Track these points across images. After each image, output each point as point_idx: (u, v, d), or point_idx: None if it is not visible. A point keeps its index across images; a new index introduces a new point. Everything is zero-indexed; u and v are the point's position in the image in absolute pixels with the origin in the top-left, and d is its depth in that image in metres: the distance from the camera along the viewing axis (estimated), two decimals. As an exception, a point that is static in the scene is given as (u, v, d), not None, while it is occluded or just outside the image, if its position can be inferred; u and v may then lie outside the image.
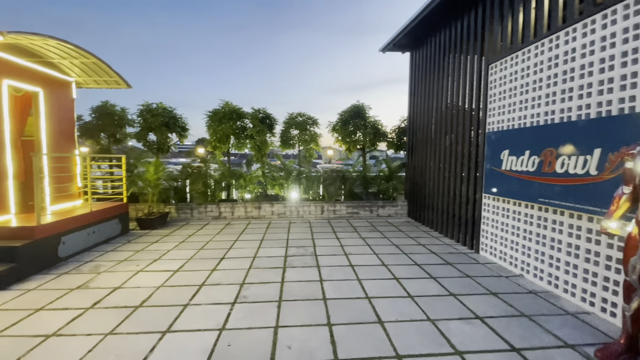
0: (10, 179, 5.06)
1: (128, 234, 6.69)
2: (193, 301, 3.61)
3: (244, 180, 9.14)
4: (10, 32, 4.28)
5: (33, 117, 5.73)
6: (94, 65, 6.07)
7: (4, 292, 3.84)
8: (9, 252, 4.17)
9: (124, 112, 8.64)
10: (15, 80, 5.18)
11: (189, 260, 5.07)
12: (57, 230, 4.84)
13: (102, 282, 4.15)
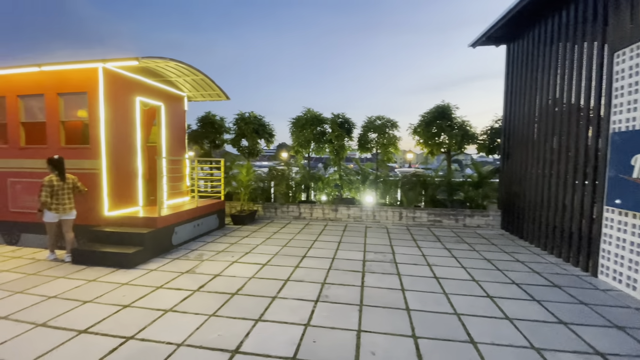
0: (139, 178, 6.21)
1: (224, 228, 7.55)
2: (280, 294, 3.86)
3: (322, 183, 9.43)
4: (142, 57, 5.28)
5: (156, 127, 6.95)
6: (202, 81, 7.05)
7: (134, 270, 4.72)
8: (139, 237, 5.11)
9: (222, 121, 9.82)
10: (145, 97, 6.36)
11: (275, 255, 5.45)
12: (172, 222, 5.75)
13: (205, 269, 4.76)
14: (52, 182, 4.83)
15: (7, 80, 5.76)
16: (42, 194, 4.76)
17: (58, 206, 4.88)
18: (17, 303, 3.57)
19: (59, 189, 4.89)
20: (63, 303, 3.59)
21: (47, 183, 4.80)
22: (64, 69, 5.42)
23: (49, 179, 4.83)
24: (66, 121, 5.70)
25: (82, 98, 5.48)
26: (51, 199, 4.83)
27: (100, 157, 5.38)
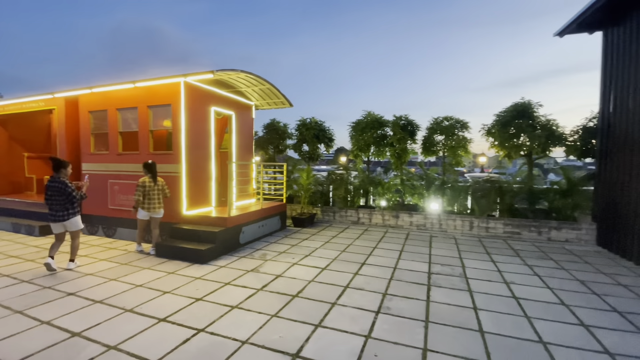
0: (213, 181, 6.75)
1: (285, 230, 7.79)
2: (339, 301, 3.79)
3: (382, 188, 9.15)
4: (217, 70, 5.74)
5: (228, 134, 7.51)
6: (268, 90, 7.43)
7: (206, 265, 5.11)
8: (211, 235, 5.53)
9: (285, 127, 10.22)
10: (218, 107, 6.90)
11: (334, 260, 5.41)
12: (240, 222, 6.11)
13: (268, 269, 4.93)
14: (145, 184, 5.50)
15: (109, 96, 6.78)
16: (137, 194, 5.46)
17: (149, 205, 5.53)
18: (111, 289, 4.11)
19: (150, 190, 5.54)
20: (147, 292, 4.03)
21: (140, 184, 5.48)
22: (153, 84, 6.19)
23: (143, 180, 5.51)
24: (154, 130, 6.47)
25: (166, 109, 6.18)
26: (143, 198, 5.50)
27: (181, 162, 5.98)
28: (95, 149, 7.11)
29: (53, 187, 4.61)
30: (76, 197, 4.70)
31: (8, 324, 3.17)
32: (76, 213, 4.83)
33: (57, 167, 4.68)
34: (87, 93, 6.96)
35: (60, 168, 4.69)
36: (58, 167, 4.68)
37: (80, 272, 4.73)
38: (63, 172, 4.70)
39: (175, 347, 2.81)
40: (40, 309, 3.51)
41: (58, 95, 7.34)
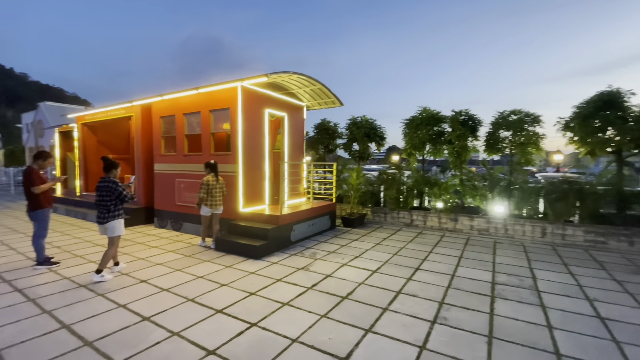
0: (267, 180, 7.01)
1: (335, 229, 7.78)
2: (391, 307, 3.63)
3: (438, 189, 8.61)
4: (270, 73, 5.93)
5: (280, 135, 7.73)
6: (319, 90, 7.48)
7: (259, 261, 5.30)
8: (264, 232, 5.74)
9: (335, 127, 10.22)
10: (272, 109, 7.14)
11: (385, 263, 5.23)
12: (291, 220, 6.25)
13: (318, 268, 4.95)
14: (208, 182, 5.90)
15: (176, 102, 7.43)
16: (201, 191, 5.87)
17: (212, 202, 5.93)
18: (176, 279, 4.48)
19: (213, 188, 5.93)
20: (207, 283, 4.31)
21: (205, 182, 5.89)
22: (213, 90, 6.62)
23: (207, 179, 5.91)
24: (215, 132, 6.93)
25: (225, 113, 6.57)
26: (207, 195, 5.90)
27: (238, 162, 6.31)
28: (165, 151, 7.87)
29: (103, 187, 4.43)
30: (127, 196, 4.52)
31: (92, 306, 3.63)
32: (118, 216, 4.53)
33: (109, 167, 4.57)
34: (159, 100, 7.73)
35: (112, 168, 4.59)
36: (110, 168, 4.57)
37: (152, 261, 5.24)
38: (114, 173, 4.60)
39: (230, 339, 2.94)
40: (118, 293, 3.97)
41: (135, 104, 8.27)
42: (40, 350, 2.74)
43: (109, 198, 4.41)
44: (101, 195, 4.42)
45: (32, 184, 4.64)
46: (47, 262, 4.89)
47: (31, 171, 4.71)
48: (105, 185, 4.42)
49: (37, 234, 4.84)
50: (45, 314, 3.39)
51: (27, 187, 4.68)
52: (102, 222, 4.44)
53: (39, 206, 4.78)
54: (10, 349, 2.75)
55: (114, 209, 4.47)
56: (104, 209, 4.42)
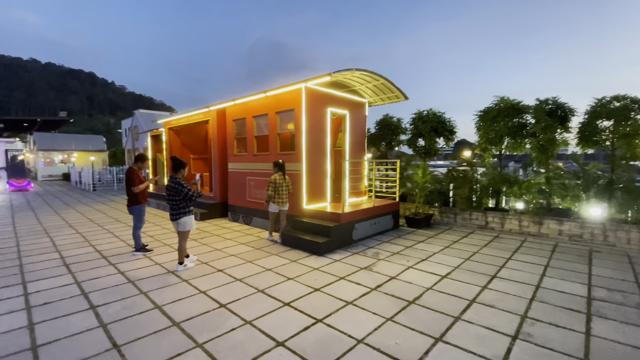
0: (328, 178, 7.09)
1: (398, 230, 7.52)
2: (464, 316, 3.37)
3: (518, 188, 7.70)
4: (333, 72, 5.95)
5: (342, 133, 7.74)
6: (382, 85, 7.28)
7: (322, 257, 5.39)
8: (327, 229, 5.82)
9: (399, 122, 9.84)
10: (334, 107, 7.18)
11: (456, 268, 4.87)
12: (353, 218, 6.23)
13: (381, 269, 4.84)
14: (276, 180, 6.18)
15: (247, 105, 7.95)
16: (269, 189, 6.19)
17: (279, 199, 6.22)
18: (247, 270, 4.81)
19: (280, 186, 6.21)
20: (274, 276, 4.54)
21: (272, 180, 6.19)
22: (279, 92, 6.92)
23: (274, 177, 6.20)
24: (280, 133, 7.25)
25: (290, 114, 6.82)
26: (274, 193, 6.21)
27: (302, 161, 6.51)
28: (237, 151, 8.50)
29: (171, 188, 4.62)
30: (193, 195, 4.67)
31: (178, 290, 4.10)
32: (187, 213, 4.73)
33: (177, 167, 4.72)
34: (231, 105, 8.37)
35: (180, 168, 4.72)
36: (178, 168, 4.72)
37: (226, 252, 5.72)
38: (181, 173, 4.74)
39: (297, 333, 3.05)
40: (199, 280, 4.41)
41: (212, 108, 9.09)
42: (138, 327, 3.19)
43: (178, 198, 4.63)
44: (170, 195, 4.66)
45: (132, 183, 5.42)
46: (143, 250, 5.68)
47: (132, 172, 5.50)
48: (172, 186, 4.62)
49: (135, 225, 5.66)
50: (142, 295, 3.94)
51: (128, 186, 5.49)
52: (173, 218, 4.73)
53: (137, 202, 5.57)
54: (114, 324, 3.25)
55: (183, 207, 4.69)
56: (175, 207, 4.68)
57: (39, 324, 3.24)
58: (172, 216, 4.77)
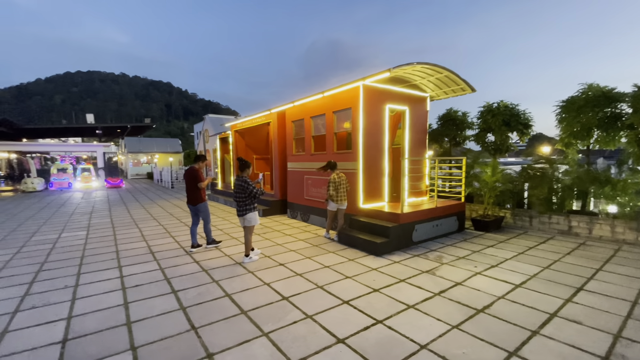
0: (386, 177, 6.93)
1: (463, 232, 7.03)
2: (543, 331, 3.02)
3: (611, 188, 6.61)
4: (393, 68, 5.79)
5: (400, 130, 7.50)
6: (446, 77, 6.86)
7: (380, 258, 5.30)
8: (385, 230, 5.71)
9: (464, 116, 9.18)
10: (392, 104, 6.98)
11: (532, 277, 4.39)
12: (413, 219, 6.00)
13: (445, 273, 4.58)
14: (335, 179, 6.24)
15: (305, 107, 8.16)
16: (330, 188, 6.22)
17: (338, 198, 6.28)
18: (306, 266, 4.96)
19: (339, 185, 6.27)
20: (332, 273, 4.60)
21: (332, 180, 6.24)
22: (336, 92, 6.97)
23: (333, 177, 6.26)
24: (337, 132, 7.30)
25: (347, 113, 6.82)
26: (335, 192, 6.25)
27: (359, 160, 6.47)
28: (295, 151, 8.80)
29: (238, 185, 5.01)
30: (257, 193, 4.99)
31: (245, 281, 4.40)
32: (252, 209, 5.08)
33: (243, 167, 5.06)
34: (291, 106, 8.68)
35: (245, 168, 5.06)
36: (244, 167, 5.06)
37: (287, 248, 5.96)
38: (247, 172, 5.08)
39: (357, 332, 3.05)
40: (263, 272, 4.68)
41: (273, 111, 9.53)
42: (212, 312, 3.50)
43: (243, 195, 5.00)
44: (237, 192, 5.05)
45: (198, 180, 5.77)
46: (214, 242, 6.17)
47: (194, 170, 5.83)
48: (239, 184, 5.00)
49: (205, 221, 6.04)
50: (214, 283, 4.32)
51: (193, 184, 5.79)
52: (240, 214, 5.10)
53: (202, 200, 5.91)
54: (192, 308, 3.62)
55: (249, 204, 5.04)
56: (241, 204, 5.05)
57: (132, 303, 3.76)
58: (238, 212, 5.14)
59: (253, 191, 4.98)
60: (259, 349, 2.81)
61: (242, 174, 5.10)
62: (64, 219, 9.46)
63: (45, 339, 3.02)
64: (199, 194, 5.90)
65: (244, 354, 2.74)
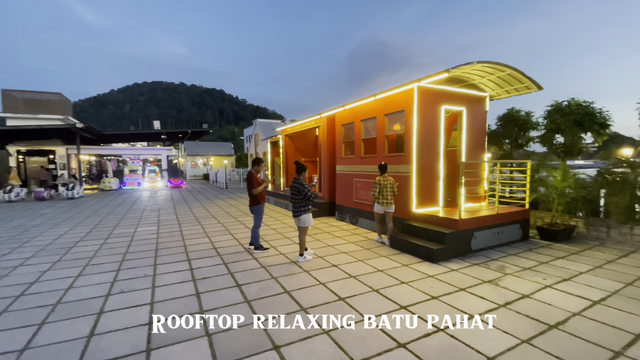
0: (441, 180, 6.70)
1: (528, 242, 6.51)
2: (629, 352, 2.72)
3: None
4: (452, 68, 5.60)
5: (457, 132, 7.20)
6: (508, 76, 6.45)
7: (437, 265, 5.14)
8: (441, 236, 5.52)
9: (528, 116, 8.51)
10: (448, 104, 6.74)
11: (613, 294, 3.94)
12: (471, 226, 5.72)
13: (509, 284, 4.30)
14: (380, 182, 6.30)
15: (355, 110, 8.21)
16: (373, 190, 6.36)
17: (383, 200, 6.28)
18: (359, 268, 4.99)
19: (384, 188, 6.27)
20: (387, 278, 4.58)
21: (376, 182, 6.33)
22: (389, 94, 6.92)
23: (378, 179, 6.34)
24: (388, 135, 7.24)
25: (399, 115, 6.74)
26: (378, 194, 6.30)
27: (412, 163, 6.35)
28: (344, 154, 8.89)
29: (294, 188, 5.27)
30: (312, 195, 5.24)
31: (301, 279, 4.57)
32: (307, 211, 5.31)
33: (299, 170, 5.35)
34: (341, 110, 8.80)
35: (302, 171, 5.33)
36: (300, 171, 5.34)
37: (338, 249, 6.06)
38: (303, 175, 5.33)
39: (418, 338, 3.02)
40: (318, 272, 4.82)
41: (323, 115, 9.74)
42: (274, 306, 3.71)
43: (299, 197, 5.24)
44: (293, 194, 5.31)
45: (252, 186, 5.94)
46: (260, 248, 6.05)
47: (251, 176, 6.00)
48: (295, 186, 5.26)
49: (255, 224, 6.10)
50: (273, 279, 4.56)
51: (249, 188, 6.00)
52: (295, 215, 5.33)
53: (257, 202, 6.04)
54: (255, 301, 3.86)
55: (303, 205, 5.28)
56: (297, 205, 5.29)
57: (202, 293, 4.13)
58: (294, 213, 5.38)
59: (308, 194, 5.22)
60: (321, 345, 2.92)
61: (299, 176, 5.34)
62: (137, 215, 10.60)
63: (134, 320, 3.46)
64: (255, 197, 6.00)
65: (307, 349, 2.87)
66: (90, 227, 8.63)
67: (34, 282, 4.65)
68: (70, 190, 16.02)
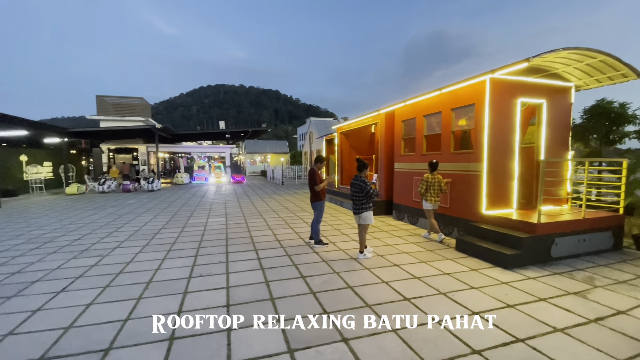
0: (515, 180, 6.16)
1: (621, 252, 5.68)
2: None
3: None
4: (533, 57, 5.09)
5: (534, 126, 6.54)
6: (600, 63, 5.67)
7: (511, 272, 4.75)
8: (516, 240, 5.09)
9: (623, 108, 7.38)
10: (525, 97, 6.15)
11: None
12: (551, 231, 5.17)
13: (600, 298, 3.82)
14: (427, 179, 6.42)
15: (417, 105, 7.93)
16: (420, 186, 6.52)
17: (431, 197, 6.21)
18: (423, 270, 4.84)
19: (431, 185, 6.32)
20: (455, 281, 4.38)
21: (424, 179, 6.46)
22: (457, 88, 6.54)
23: (426, 176, 6.44)
24: (454, 131, 6.85)
25: (468, 110, 6.34)
26: (425, 191, 6.26)
27: (482, 161, 5.93)
28: (404, 151, 8.65)
29: (356, 185, 5.30)
30: (373, 193, 5.23)
31: (363, 276, 4.59)
32: (368, 209, 5.31)
33: (361, 168, 5.39)
34: (401, 106, 8.57)
35: (363, 169, 5.37)
36: (362, 168, 5.38)
37: (398, 249, 5.95)
38: (364, 172, 5.37)
39: (494, 346, 2.85)
40: (379, 270, 4.79)
41: (381, 112, 9.59)
42: (339, 300, 3.80)
43: (360, 194, 5.27)
44: (354, 191, 5.35)
45: (315, 183, 6.10)
46: (320, 243, 6.23)
47: (314, 172, 6.15)
48: (357, 183, 5.29)
49: (315, 219, 6.28)
50: (335, 274, 4.65)
51: (311, 184, 6.19)
52: (356, 212, 5.39)
53: (318, 199, 6.20)
54: (320, 294, 3.99)
55: (365, 203, 5.29)
56: (358, 203, 5.33)
57: (271, 282, 4.39)
58: (355, 210, 5.43)
59: (369, 191, 5.22)
60: (390, 343, 2.92)
61: (360, 174, 5.38)
62: (207, 207, 11.61)
63: (214, 301, 3.82)
64: (317, 193, 6.18)
65: (376, 345, 2.89)
66: (169, 217, 9.69)
67: (130, 262, 5.40)
68: (150, 183, 18.14)
